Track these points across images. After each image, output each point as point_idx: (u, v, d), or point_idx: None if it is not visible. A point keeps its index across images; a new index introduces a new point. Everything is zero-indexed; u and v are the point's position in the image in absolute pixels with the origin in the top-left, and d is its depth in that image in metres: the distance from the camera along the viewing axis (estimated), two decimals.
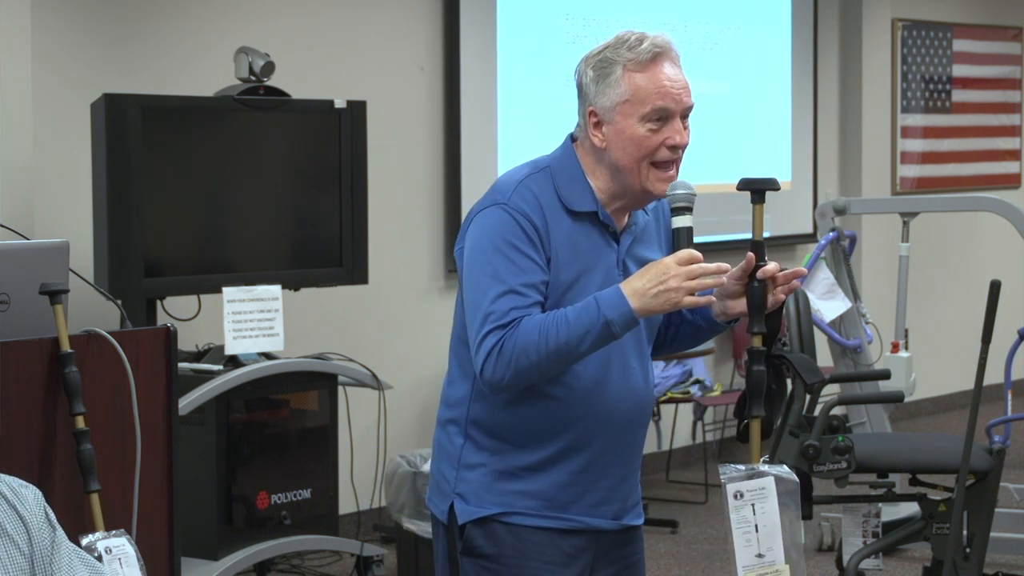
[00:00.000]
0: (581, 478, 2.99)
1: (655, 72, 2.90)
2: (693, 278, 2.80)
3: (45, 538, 2.56)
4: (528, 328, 2.83)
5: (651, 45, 2.91)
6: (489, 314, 2.85)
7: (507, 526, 2.97)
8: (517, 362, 2.83)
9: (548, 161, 3.00)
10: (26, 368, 3.26)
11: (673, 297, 2.80)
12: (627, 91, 2.90)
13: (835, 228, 6.51)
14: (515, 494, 2.97)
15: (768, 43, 8.54)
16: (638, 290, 2.81)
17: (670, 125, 2.90)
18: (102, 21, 5.88)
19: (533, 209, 2.90)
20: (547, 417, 2.95)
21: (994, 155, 10.05)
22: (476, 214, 2.97)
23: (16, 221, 4.66)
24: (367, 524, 6.33)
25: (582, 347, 2.82)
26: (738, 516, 2.89)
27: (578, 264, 2.93)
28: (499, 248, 2.88)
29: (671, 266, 2.81)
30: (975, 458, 4.83)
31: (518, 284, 2.86)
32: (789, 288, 2.97)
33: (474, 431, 2.99)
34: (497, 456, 2.97)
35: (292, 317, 5.60)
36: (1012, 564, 6.09)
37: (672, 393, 7.35)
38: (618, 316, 2.80)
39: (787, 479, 2.92)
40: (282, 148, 5.67)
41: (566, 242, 2.92)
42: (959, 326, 9.35)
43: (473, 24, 7.06)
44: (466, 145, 7.03)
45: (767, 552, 2.92)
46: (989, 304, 4.49)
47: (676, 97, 2.90)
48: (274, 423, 5.47)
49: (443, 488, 3.03)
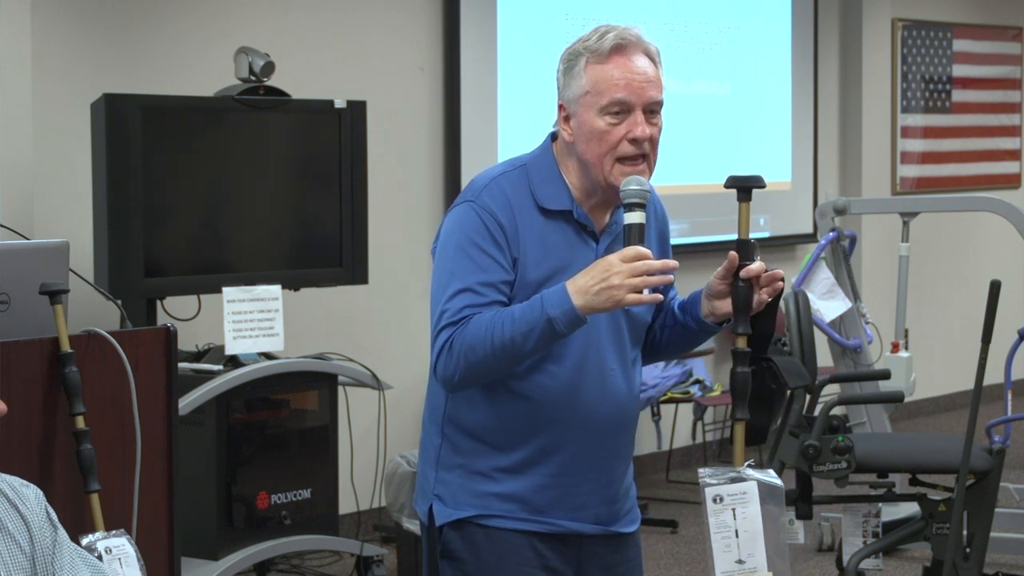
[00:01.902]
0: (559, 481, 2.93)
1: (615, 63, 2.85)
2: (637, 276, 2.73)
3: (47, 537, 2.57)
4: (476, 325, 2.80)
5: (615, 37, 2.86)
6: (444, 311, 2.83)
7: (483, 529, 2.93)
8: (466, 359, 2.80)
9: (526, 159, 2.97)
10: (26, 368, 3.26)
11: (615, 295, 2.73)
12: (587, 83, 2.86)
13: (835, 228, 6.50)
14: (491, 496, 2.93)
15: (768, 43, 8.54)
16: (581, 287, 2.75)
17: (631, 118, 2.85)
18: (102, 21, 5.88)
19: (501, 207, 2.87)
20: (521, 418, 2.90)
21: (994, 155, 10.05)
22: (449, 212, 2.95)
23: (16, 221, 4.65)
24: (367, 524, 6.33)
25: (527, 345, 2.78)
26: (717, 520, 2.83)
27: (549, 263, 2.88)
28: (462, 246, 2.86)
29: (614, 263, 2.74)
30: (975, 458, 4.83)
31: (475, 283, 2.83)
32: (773, 289, 2.90)
33: (450, 431, 2.96)
34: (473, 457, 2.94)
35: (292, 317, 5.60)
36: (1012, 564, 6.09)
37: (672, 393, 7.35)
38: (561, 314, 2.75)
39: (772, 484, 2.85)
40: (282, 148, 5.67)
41: (536, 241, 2.88)
42: (959, 326, 9.35)
43: (473, 24, 7.06)
44: (466, 145, 7.03)
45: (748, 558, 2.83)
46: (989, 304, 4.49)
47: (637, 89, 2.84)
48: (274, 423, 5.47)
49: (424, 489, 3.01)
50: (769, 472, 2.89)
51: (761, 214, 8.41)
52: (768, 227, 8.48)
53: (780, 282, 2.91)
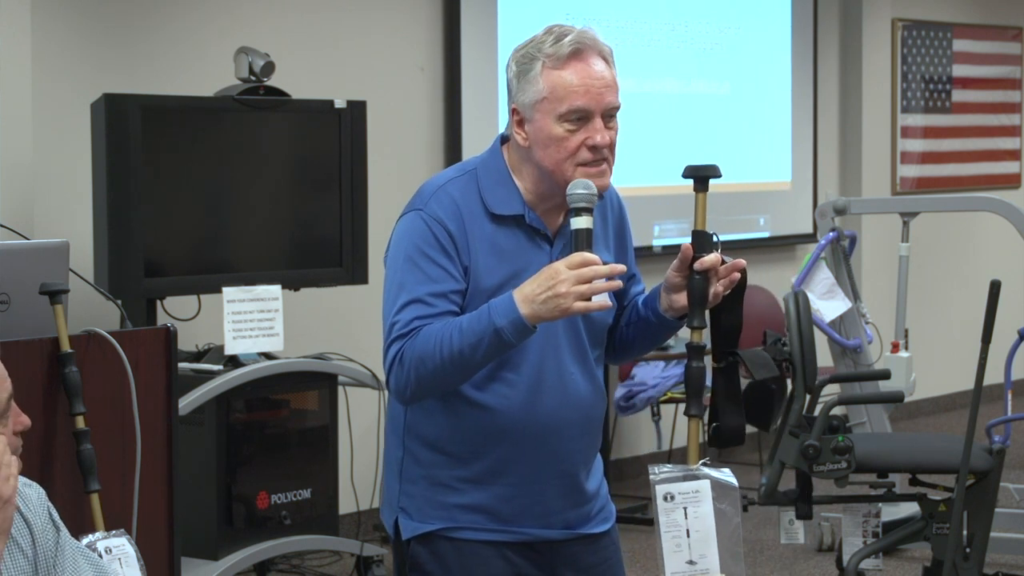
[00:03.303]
0: (524, 490, 2.88)
1: (573, 69, 2.77)
2: (584, 282, 2.65)
3: (49, 539, 2.56)
4: (425, 337, 2.74)
5: (572, 41, 2.78)
6: (394, 324, 2.78)
7: (451, 541, 2.88)
8: (416, 371, 2.74)
9: (475, 163, 2.90)
10: (26, 368, 3.26)
11: (562, 303, 2.65)
12: (545, 88, 2.78)
13: (835, 228, 6.50)
14: (457, 508, 2.88)
15: (768, 43, 8.54)
16: (528, 296, 2.68)
17: (590, 125, 2.77)
18: (102, 21, 5.88)
19: (450, 215, 2.80)
20: (480, 427, 2.84)
21: (994, 155, 10.04)
22: (398, 220, 2.89)
23: (16, 221, 4.65)
24: (367, 524, 6.33)
25: (477, 355, 2.71)
26: (668, 519, 2.77)
27: (503, 270, 2.82)
28: (410, 257, 2.80)
29: (561, 270, 2.66)
30: (975, 458, 4.83)
31: (424, 294, 2.77)
32: (729, 281, 2.83)
33: (411, 443, 2.91)
34: (435, 468, 2.88)
35: (292, 317, 5.60)
36: (1012, 564, 6.09)
37: (672, 393, 7.34)
38: (508, 323, 2.68)
39: (727, 484, 2.79)
40: (282, 148, 5.67)
41: (487, 248, 2.82)
42: (959, 326, 9.35)
43: (473, 24, 7.06)
44: (466, 146, 7.02)
45: (699, 559, 2.77)
46: (989, 304, 4.49)
47: (596, 96, 2.77)
48: (274, 423, 5.47)
49: (390, 501, 2.96)
50: (724, 471, 2.83)
51: (761, 214, 8.41)
52: (768, 227, 8.48)
53: (738, 273, 2.84)
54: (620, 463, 7.82)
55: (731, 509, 2.79)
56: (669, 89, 7.99)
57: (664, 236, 7.83)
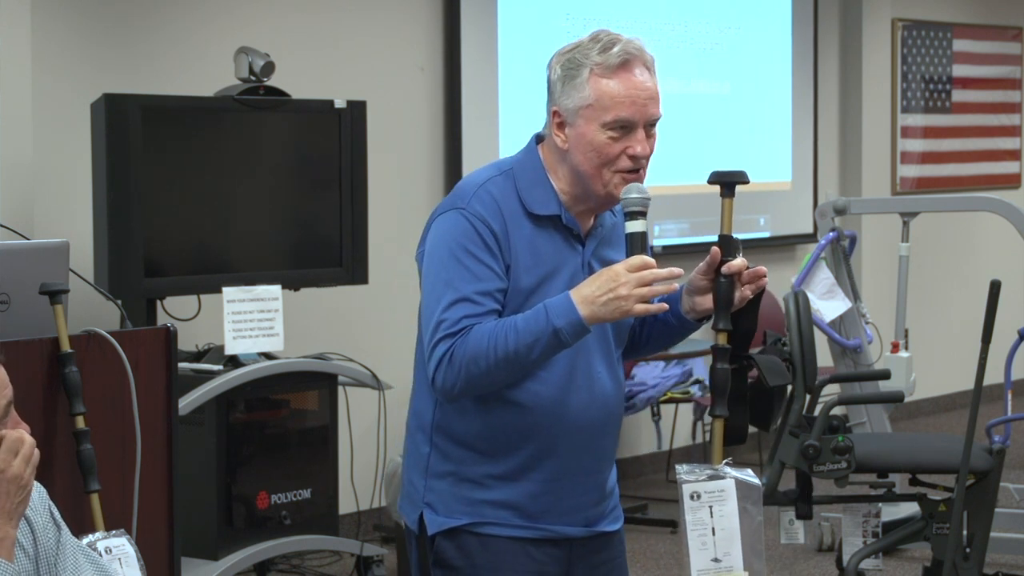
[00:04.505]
0: (551, 487, 2.92)
1: (620, 80, 2.83)
2: (644, 285, 2.71)
3: (51, 538, 2.56)
4: (478, 336, 2.77)
5: (621, 50, 2.83)
6: (441, 322, 2.81)
7: (478, 536, 2.91)
8: (467, 370, 2.77)
9: (511, 163, 2.93)
10: (26, 368, 3.26)
11: (623, 305, 2.71)
12: (591, 96, 2.82)
13: (835, 228, 6.50)
14: (484, 504, 2.91)
15: (768, 43, 8.54)
16: (587, 297, 2.73)
17: (632, 135, 2.83)
18: (102, 21, 5.88)
19: (492, 214, 2.84)
20: (511, 425, 2.88)
21: (994, 155, 10.05)
22: (436, 218, 2.91)
23: (16, 221, 4.65)
24: (367, 524, 6.33)
25: (532, 355, 2.76)
26: (694, 518, 2.81)
27: (540, 269, 2.86)
28: (455, 255, 2.83)
29: (621, 273, 2.72)
30: (975, 458, 4.83)
31: (472, 292, 2.80)
32: (756, 286, 2.88)
33: (439, 439, 2.93)
34: (464, 465, 2.91)
35: (292, 317, 5.60)
36: (1012, 564, 6.09)
37: (672, 393, 7.35)
38: (567, 324, 2.73)
39: (750, 483, 2.84)
40: (282, 148, 5.67)
41: (527, 247, 2.85)
42: (959, 326, 9.35)
43: (473, 24, 7.06)
44: (466, 145, 7.03)
45: (724, 557, 2.81)
46: (989, 304, 4.49)
47: (641, 107, 2.83)
48: (274, 423, 5.47)
49: (413, 497, 2.98)
50: (747, 471, 2.88)
51: (761, 214, 8.41)
52: (768, 227, 8.48)
53: (763, 279, 2.90)
54: (620, 463, 7.77)
55: (754, 508, 2.84)
56: (669, 89, 7.87)
57: (664, 236, 7.84)
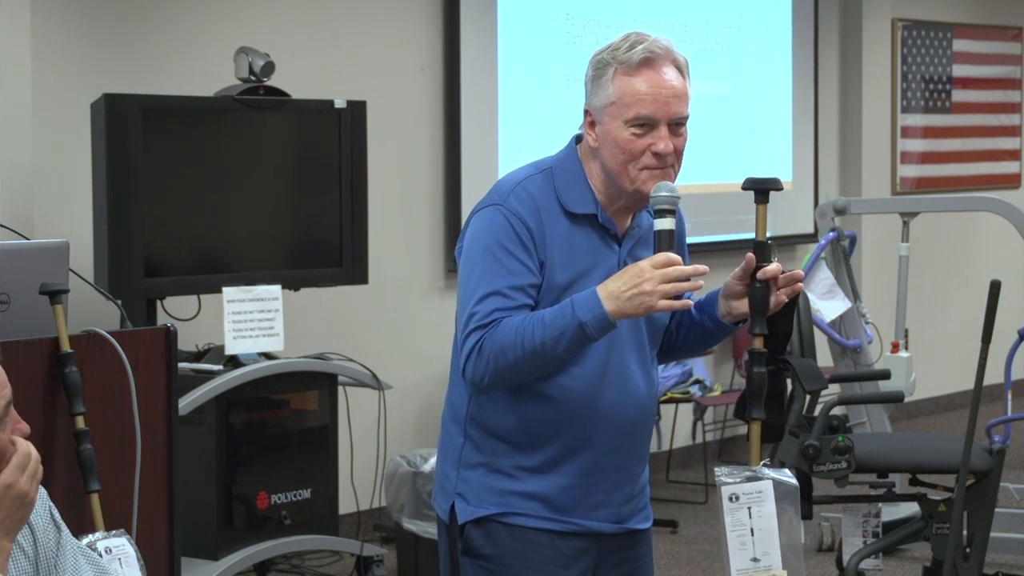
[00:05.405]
0: (581, 481, 2.97)
1: (643, 77, 2.87)
2: (669, 281, 2.76)
3: (51, 540, 2.56)
4: (506, 329, 2.82)
5: (644, 49, 2.88)
6: (472, 314, 2.86)
7: (507, 527, 2.97)
8: (495, 362, 2.83)
9: (551, 162, 2.99)
10: (26, 368, 3.26)
11: (647, 301, 2.76)
12: (614, 94, 2.88)
13: (835, 228, 6.51)
14: (515, 495, 2.96)
15: (768, 43, 8.54)
16: (613, 292, 2.78)
17: (655, 132, 2.87)
18: (102, 21, 5.88)
19: (529, 211, 2.89)
20: (545, 419, 2.93)
21: (994, 155, 10.05)
22: (474, 214, 2.97)
23: (16, 221, 4.66)
24: (367, 524, 6.33)
25: (558, 349, 2.81)
26: (733, 519, 2.86)
27: (575, 267, 2.91)
28: (490, 250, 2.88)
29: (646, 269, 2.77)
30: (975, 458, 4.83)
31: (504, 286, 2.85)
32: (792, 290, 2.94)
33: (473, 431, 2.99)
34: (496, 456, 2.97)
35: (292, 317, 5.60)
36: (1012, 564, 6.09)
37: (672, 393, 7.35)
38: (592, 319, 2.79)
39: (786, 483, 2.88)
40: (282, 148, 5.67)
41: (563, 244, 2.91)
42: (959, 326, 9.35)
43: (473, 24, 7.06)
44: (466, 145, 7.03)
45: (763, 556, 2.88)
46: (989, 304, 4.48)
47: (663, 105, 2.86)
48: (274, 423, 5.47)
49: (445, 488, 3.04)
50: (784, 472, 2.92)
51: None
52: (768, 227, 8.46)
53: (799, 284, 2.96)
54: None
55: (791, 508, 2.89)
56: None
57: None
